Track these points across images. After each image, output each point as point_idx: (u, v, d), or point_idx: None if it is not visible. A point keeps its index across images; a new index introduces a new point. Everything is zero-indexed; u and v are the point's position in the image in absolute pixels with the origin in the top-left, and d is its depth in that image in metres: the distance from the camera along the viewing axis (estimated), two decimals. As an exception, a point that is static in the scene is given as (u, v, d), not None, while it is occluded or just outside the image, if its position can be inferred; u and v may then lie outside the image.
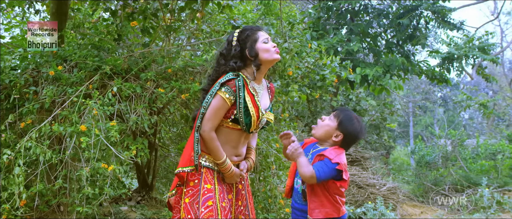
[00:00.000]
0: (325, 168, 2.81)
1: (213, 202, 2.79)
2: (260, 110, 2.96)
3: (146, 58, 4.66)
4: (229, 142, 2.95)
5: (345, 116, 2.98)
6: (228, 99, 2.84)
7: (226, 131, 2.93)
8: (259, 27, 3.05)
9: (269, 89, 3.21)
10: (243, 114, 2.87)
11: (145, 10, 4.95)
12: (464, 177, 11.29)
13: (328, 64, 6.04)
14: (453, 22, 11.60)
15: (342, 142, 2.96)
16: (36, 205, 3.79)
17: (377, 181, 10.03)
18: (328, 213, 2.89)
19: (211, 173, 2.90)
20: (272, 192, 5.01)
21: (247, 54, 2.93)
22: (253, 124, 2.92)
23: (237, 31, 3.01)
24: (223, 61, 2.98)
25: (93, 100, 3.90)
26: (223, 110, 2.86)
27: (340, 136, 2.94)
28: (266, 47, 2.94)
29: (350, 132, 2.95)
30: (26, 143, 3.76)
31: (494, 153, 12.48)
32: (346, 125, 2.94)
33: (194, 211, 2.80)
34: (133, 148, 3.91)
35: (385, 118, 14.37)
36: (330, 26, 11.94)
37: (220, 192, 2.86)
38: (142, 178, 6.19)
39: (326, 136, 2.98)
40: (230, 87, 2.85)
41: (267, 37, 2.98)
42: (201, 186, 2.84)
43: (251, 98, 2.91)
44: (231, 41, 2.99)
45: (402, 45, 11.97)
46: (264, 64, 2.97)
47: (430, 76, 11.95)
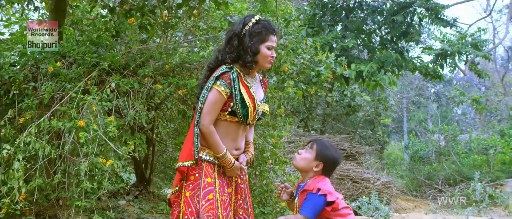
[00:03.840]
0: (309, 204, 2.81)
1: (213, 196, 2.80)
2: (256, 101, 2.97)
3: (144, 55, 4.66)
4: (228, 134, 2.95)
5: (321, 145, 2.98)
6: (224, 92, 2.85)
7: (224, 124, 2.93)
8: (275, 29, 2.99)
9: (262, 82, 3.21)
10: (240, 105, 2.88)
11: (143, 7, 4.94)
12: (457, 172, 11.33)
13: (324, 60, 6.05)
14: (446, 19, 11.63)
15: (323, 170, 2.96)
16: (35, 199, 3.79)
17: (371, 176, 10.06)
18: None
19: (212, 167, 2.90)
20: (268, 186, 5.03)
21: (247, 46, 2.92)
22: (250, 115, 2.93)
23: (256, 18, 2.96)
24: (236, 43, 2.94)
25: (91, 96, 3.90)
26: (220, 103, 2.86)
27: (321, 165, 2.93)
28: (266, 53, 2.93)
29: (329, 158, 2.94)
30: (25, 138, 3.76)
31: (486, 147, 12.53)
32: (324, 153, 2.94)
33: (194, 204, 2.80)
34: (131, 143, 3.91)
35: (379, 113, 14.39)
36: (325, 23, 11.96)
37: (220, 185, 2.87)
38: (140, 173, 6.19)
39: (307, 168, 2.97)
40: (225, 80, 2.86)
41: (273, 45, 2.96)
42: (202, 180, 2.84)
43: (246, 89, 2.92)
44: (246, 25, 2.94)
45: (396, 42, 11.99)
46: (256, 64, 2.97)
47: (424, 72, 11.98)
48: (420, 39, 12.86)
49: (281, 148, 5.47)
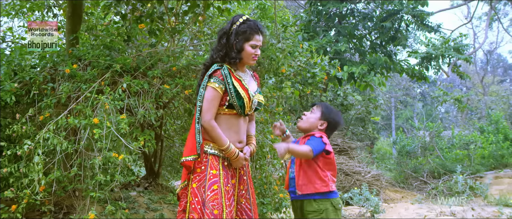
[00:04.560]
0: (314, 142, 2.91)
1: (218, 186, 2.80)
2: (250, 92, 2.97)
3: (153, 58, 4.65)
4: (231, 127, 2.94)
5: (326, 107, 3.10)
6: (218, 88, 2.85)
7: (224, 117, 2.92)
8: (260, 30, 2.98)
9: (254, 77, 3.20)
10: (235, 97, 2.88)
11: (152, 13, 4.93)
12: (440, 165, 11.34)
13: (318, 63, 6.03)
14: (431, 25, 11.63)
15: (326, 129, 3.03)
16: (53, 191, 3.79)
17: (362, 169, 10.07)
18: (317, 188, 2.90)
19: (217, 159, 2.89)
20: (268, 179, 5.01)
21: (233, 43, 2.93)
22: (246, 105, 2.92)
23: (243, 18, 2.96)
24: (225, 41, 2.95)
25: (105, 96, 3.89)
26: (217, 99, 2.86)
27: (325, 124, 3.04)
28: (250, 51, 2.94)
29: (332, 118, 3.05)
30: (44, 134, 3.75)
31: (468, 143, 12.55)
32: (328, 113, 3.05)
33: (200, 194, 2.80)
34: (141, 139, 3.90)
35: (369, 111, 14.40)
36: (320, 28, 11.95)
37: (224, 177, 2.86)
38: (149, 166, 6.18)
39: (312, 126, 3.06)
40: (217, 77, 2.87)
41: (257, 44, 2.95)
42: (207, 172, 2.83)
43: (238, 83, 2.92)
44: (234, 24, 2.95)
45: (385, 46, 11.99)
46: (240, 61, 2.98)
47: (410, 74, 11.99)
48: (407, 43, 12.86)
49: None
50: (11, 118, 4.25)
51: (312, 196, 2.92)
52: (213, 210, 2.73)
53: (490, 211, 6.57)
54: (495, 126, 13.40)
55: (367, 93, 14.63)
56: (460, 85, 29.05)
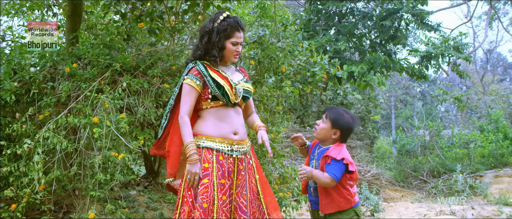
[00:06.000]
0: (335, 167, 2.82)
1: (208, 180, 2.79)
2: (230, 80, 2.97)
3: (153, 57, 4.65)
4: (222, 118, 2.95)
5: (334, 114, 2.98)
6: (193, 83, 2.88)
7: (212, 110, 2.95)
8: (241, 26, 2.98)
9: (240, 71, 3.20)
10: (215, 87, 2.89)
11: (152, 12, 4.93)
12: (440, 164, 11.32)
13: (318, 62, 6.03)
14: (431, 24, 11.61)
15: (341, 137, 2.97)
16: (53, 190, 3.79)
17: (362, 168, 10.06)
18: (340, 206, 2.88)
19: (210, 152, 2.88)
20: (267, 178, 5.01)
21: (214, 41, 2.94)
22: (229, 93, 2.92)
23: (224, 16, 2.97)
24: (206, 39, 2.97)
25: (104, 95, 3.89)
26: (192, 93, 2.90)
27: (338, 132, 2.95)
28: (231, 49, 2.96)
29: (344, 126, 2.95)
30: (44, 133, 3.75)
31: (467, 142, 12.53)
32: (337, 121, 2.94)
33: (194, 187, 2.82)
34: (141, 138, 3.90)
35: (369, 110, 14.40)
36: (320, 27, 11.94)
37: (218, 170, 2.85)
38: (149, 165, 6.19)
39: (326, 137, 2.99)
40: (193, 74, 2.91)
41: (238, 41, 2.97)
42: (200, 165, 2.84)
43: (217, 74, 2.94)
44: (214, 21, 2.97)
45: (384, 45, 11.97)
46: (222, 59, 3.01)
47: (410, 73, 11.97)
48: (406, 42, 12.84)
49: (279, 143, 5.46)
50: (11, 117, 4.26)
51: (335, 215, 2.92)
52: (202, 204, 2.74)
53: (490, 210, 6.57)
54: (495, 125, 13.38)
55: (367, 92, 14.63)
56: (460, 84, 29.01)
